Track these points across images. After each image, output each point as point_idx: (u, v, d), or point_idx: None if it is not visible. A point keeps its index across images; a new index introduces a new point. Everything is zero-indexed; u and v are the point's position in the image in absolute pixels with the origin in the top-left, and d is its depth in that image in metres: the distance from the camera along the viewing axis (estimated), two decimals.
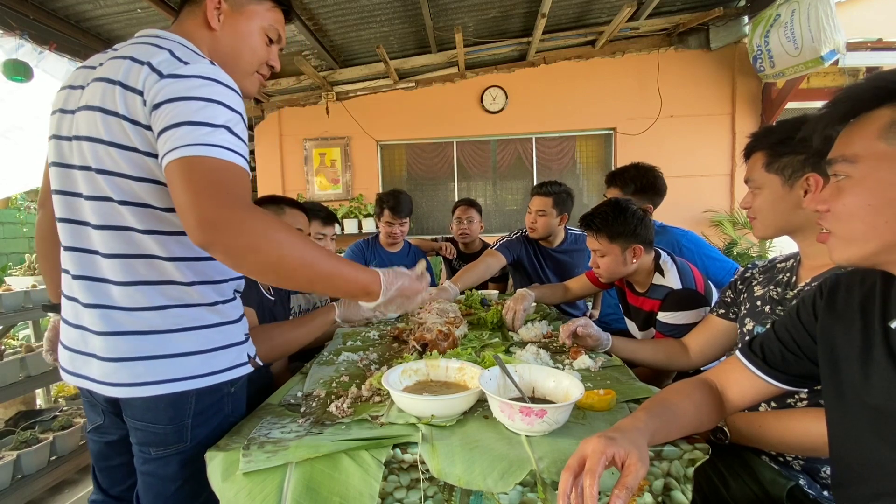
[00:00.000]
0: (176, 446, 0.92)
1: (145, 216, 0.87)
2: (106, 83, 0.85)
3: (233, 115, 0.84)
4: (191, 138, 0.78)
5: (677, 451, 0.85)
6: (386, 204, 2.75)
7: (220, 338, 0.95)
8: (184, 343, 0.90)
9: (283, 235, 0.80)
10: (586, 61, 4.87)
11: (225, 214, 0.75)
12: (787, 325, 0.87)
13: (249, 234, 0.76)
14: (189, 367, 0.90)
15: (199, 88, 0.82)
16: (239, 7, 1.00)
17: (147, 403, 0.90)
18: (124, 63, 0.86)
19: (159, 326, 0.88)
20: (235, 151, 0.82)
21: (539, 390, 1.06)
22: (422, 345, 1.40)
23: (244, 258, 0.78)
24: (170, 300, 0.89)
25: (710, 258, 2.00)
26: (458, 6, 3.80)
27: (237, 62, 1.01)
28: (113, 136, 0.84)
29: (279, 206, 1.61)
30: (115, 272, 0.88)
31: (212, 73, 0.85)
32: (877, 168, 0.58)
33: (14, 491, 1.95)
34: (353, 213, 4.84)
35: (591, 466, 0.67)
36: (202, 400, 0.93)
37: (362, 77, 4.86)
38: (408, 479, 0.88)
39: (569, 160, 5.13)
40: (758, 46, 4.03)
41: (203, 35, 0.98)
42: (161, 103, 0.80)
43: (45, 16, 2.93)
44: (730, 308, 1.33)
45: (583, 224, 1.70)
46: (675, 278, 1.58)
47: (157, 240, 0.88)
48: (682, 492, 0.83)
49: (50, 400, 2.84)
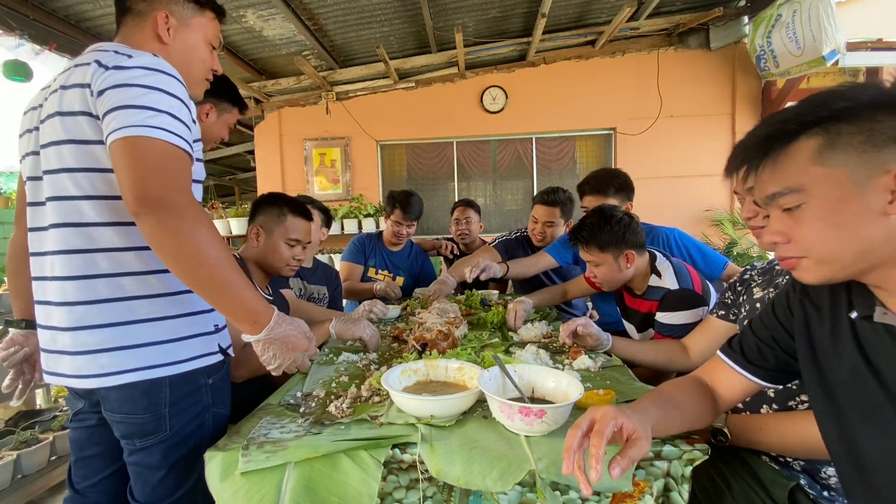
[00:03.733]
0: (157, 435, 0.96)
1: (106, 208, 0.91)
2: (60, 90, 0.92)
3: (175, 102, 0.89)
4: (135, 119, 0.83)
5: (677, 451, 0.85)
6: (398, 202, 2.70)
7: (186, 328, 0.98)
8: (149, 333, 0.93)
9: (210, 234, 0.86)
10: (586, 61, 4.87)
11: (169, 195, 0.82)
12: (763, 322, 0.88)
13: (182, 220, 0.83)
14: (154, 357, 0.93)
15: (141, 77, 0.87)
16: (185, 20, 1.07)
17: (122, 395, 0.93)
18: (74, 70, 0.92)
19: (123, 318, 0.92)
20: (179, 135, 0.88)
21: (538, 390, 1.06)
22: (421, 344, 1.40)
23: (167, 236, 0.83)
24: (130, 292, 0.93)
25: (700, 252, 2.00)
26: (458, 6, 3.80)
27: (189, 72, 1.07)
28: (70, 133, 0.90)
29: (280, 210, 1.58)
30: (73, 268, 0.92)
31: (154, 64, 0.90)
32: (825, 189, 0.64)
33: (14, 491, 1.95)
34: (353, 213, 4.84)
35: (601, 428, 0.69)
36: (176, 389, 0.96)
37: (362, 77, 4.85)
38: (407, 480, 0.88)
39: (569, 160, 5.12)
40: (760, 47, 4.03)
41: (154, 48, 1.03)
42: (105, 90, 0.86)
43: (44, 16, 2.93)
44: (730, 310, 1.33)
45: (571, 237, 1.70)
46: (672, 279, 1.58)
47: (118, 231, 0.92)
48: (679, 493, 0.83)
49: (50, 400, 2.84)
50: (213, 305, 0.93)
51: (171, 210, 0.82)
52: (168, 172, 0.84)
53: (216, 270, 0.86)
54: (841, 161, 0.63)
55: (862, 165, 0.62)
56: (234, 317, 0.93)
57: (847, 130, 0.63)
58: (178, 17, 1.05)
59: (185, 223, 0.83)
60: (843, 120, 0.63)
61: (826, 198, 0.65)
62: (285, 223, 1.56)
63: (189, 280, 0.87)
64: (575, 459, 0.68)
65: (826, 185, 0.64)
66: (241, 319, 0.93)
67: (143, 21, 1.03)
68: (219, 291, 0.88)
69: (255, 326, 0.93)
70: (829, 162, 0.64)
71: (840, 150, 0.63)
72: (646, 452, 0.70)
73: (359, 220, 4.81)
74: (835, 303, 0.75)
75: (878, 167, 0.61)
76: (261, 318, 0.93)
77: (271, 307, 0.96)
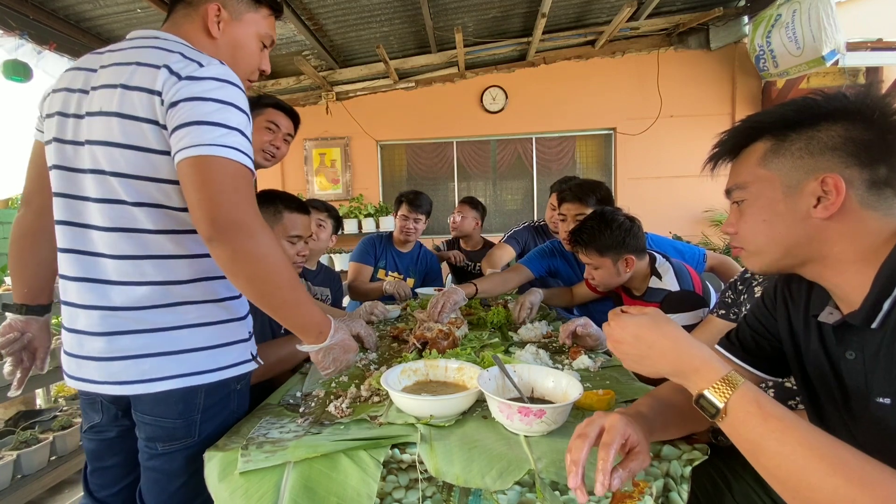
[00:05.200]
0: (184, 441, 0.94)
1: (159, 216, 0.89)
2: (122, 89, 0.87)
3: (243, 118, 0.87)
4: (208, 138, 0.81)
5: (676, 451, 0.85)
6: (404, 197, 2.76)
7: (227, 334, 0.97)
8: (191, 339, 0.92)
9: (280, 256, 0.86)
10: (586, 61, 4.87)
11: (243, 218, 0.81)
12: (755, 314, 0.90)
13: (257, 245, 0.82)
14: (196, 363, 0.92)
15: (215, 90, 0.85)
16: (238, 15, 1.02)
17: (157, 398, 0.91)
18: (138, 70, 0.87)
19: (167, 323, 0.90)
20: (248, 155, 0.86)
21: (538, 390, 1.06)
22: (422, 343, 1.40)
23: (244, 262, 0.82)
24: (178, 298, 0.91)
25: (677, 252, 1.98)
26: (458, 6, 3.80)
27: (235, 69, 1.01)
28: (130, 139, 0.86)
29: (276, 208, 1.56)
30: (120, 273, 0.89)
31: (225, 75, 0.88)
32: (762, 189, 0.71)
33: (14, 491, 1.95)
34: (353, 213, 4.84)
35: (609, 440, 0.67)
36: (211, 395, 0.95)
37: (362, 77, 4.86)
38: (406, 480, 0.88)
39: (569, 160, 5.12)
40: (760, 47, 4.03)
41: (203, 41, 0.99)
42: (178, 102, 0.83)
43: (45, 16, 2.93)
44: (730, 309, 1.33)
45: (571, 239, 1.69)
46: (673, 281, 1.58)
47: (172, 238, 0.90)
48: (678, 492, 0.83)
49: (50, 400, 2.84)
50: (283, 323, 0.95)
51: (246, 234, 0.81)
52: (240, 194, 0.82)
53: (289, 292, 0.87)
54: (779, 165, 0.70)
55: (796, 170, 0.68)
56: (303, 331, 0.95)
57: (792, 137, 0.69)
58: (230, 11, 1.00)
59: (260, 247, 0.82)
60: (790, 127, 0.69)
61: (760, 196, 0.72)
62: (283, 221, 1.54)
63: (264, 302, 0.88)
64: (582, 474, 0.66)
65: (762, 185, 0.71)
66: (309, 333, 0.96)
67: (195, 11, 0.99)
68: (292, 311, 0.91)
69: (320, 337, 0.96)
70: (769, 165, 0.71)
71: (781, 155, 0.70)
72: (645, 466, 0.70)
73: (359, 220, 4.81)
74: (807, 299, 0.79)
75: (810, 173, 0.67)
76: (325, 329, 0.97)
77: (328, 317, 0.98)
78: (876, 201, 0.65)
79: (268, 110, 1.76)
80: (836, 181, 0.65)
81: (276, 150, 1.81)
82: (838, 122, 0.66)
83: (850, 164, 0.65)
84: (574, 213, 1.97)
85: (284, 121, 1.79)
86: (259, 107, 1.77)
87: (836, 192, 0.65)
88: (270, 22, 1.08)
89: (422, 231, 2.82)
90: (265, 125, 1.74)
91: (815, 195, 0.66)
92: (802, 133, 0.68)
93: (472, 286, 1.92)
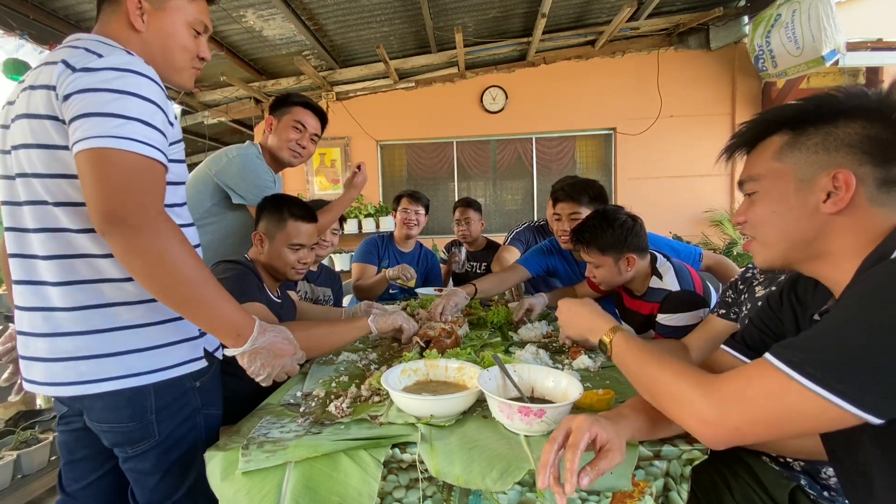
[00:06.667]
0: (147, 441, 0.94)
1: (79, 215, 0.87)
2: (29, 90, 0.87)
3: (147, 106, 0.84)
4: (100, 129, 0.78)
5: (676, 450, 0.85)
6: (403, 193, 2.83)
7: (168, 334, 0.95)
8: (126, 341, 0.90)
9: (180, 251, 0.82)
10: (586, 61, 4.87)
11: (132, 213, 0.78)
12: (761, 315, 0.91)
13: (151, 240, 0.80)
14: (134, 364, 0.90)
15: (111, 81, 0.82)
16: (160, 4, 0.97)
17: (105, 404, 0.91)
18: (43, 69, 0.88)
19: (100, 325, 0.89)
20: (150, 144, 0.82)
21: (538, 390, 1.06)
22: (425, 342, 1.40)
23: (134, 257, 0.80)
24: (108, 299, 0.90)
25: (674, 251, 1.98)
26: (458, 6, 3.80)
27: (170, 61, 1.00)
28: (37, 138, 0.85)
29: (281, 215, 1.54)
30: (52, 274, 0.88)
31: (127, 64, 0.84)
32: (775, 182, 0.73)
33: (14, 491, 1.95)
34: (352, 213, 4.84)
35: (575, 441, 0.70)
36: (162, 395, 0.94)
37: (362, 77, 4.86)
38: (407, 479, 0.88)
39: (569, 160, 5.13)
40: (759, 47, 4.03)
41: (129, 37, 0.96)
42: (71, 94, 0.81)
43: (45, 16, 2.93)
44: (731, 308, 1.33)
45: (573, 238, 1.69)
46: (674, 281, 1.57)
47: (93, 238, 0.88)
48: (678, 492, 0.83)
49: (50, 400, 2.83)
50: (192, 322, 0.91)
51: (137, 230, 0.79)
52: (135, 187, 0.80)
53: (190, 288, 0.83)
54: (794, 159, 0.71)
55: (810, 165, 0.69)
56: (215, 332, 0.91)
57: (809, 132, 0.70)
58: (152, 2, 0.96)
59: (154, 243, 0.80)
60: (809, 122, 0.70)
61: (772, 189, 0.73)
62: (286, 229, 1.53)
63: (163, 298, 0.85)
64: (550, 473, 0.69)
65: (775, 178, 0.73)
66: (223, 334, 0.91)
67: (119, 7, 0.94)
68: (195, 309, 0.86)
69: (238, 339, 0.90)
70: (784, 158, 0.72)
71: (797, 149, 0.71)
72: (617, 463, 0.71)
73: (359, 220, 4.81)
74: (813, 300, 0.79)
75: (823, 168, 0.68)
76: (243, 331, 0.91)
77: (252, 318, 0.93)
78: (886, 199, 0.66)
79: (295, 109, 1.76)
80: (847, 177, 0.65)
81: (302, 150, 1.80)
82: (857, 119, 0.67)
83: (864, 162, 0.66)
84: (568, 213, 1.98)
85: (312, 120, 1.79)
86: (287, 105, 1.77)
87: (846, 187, 0.66)
88: (199, 7, 1.02)
89: (423, 225, 2.83)
90: (292, 124, 1.74)
91: (825, 190, 0.67)
92: (820, 128, 0.69)
93: (471, 286, 1.94)
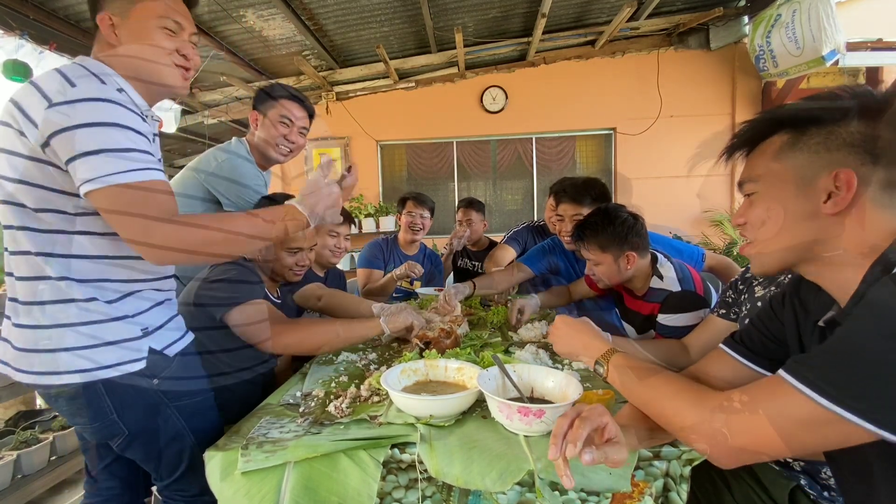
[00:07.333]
0: (120, 437, 1.00)
1: (19, 214, 0.93)
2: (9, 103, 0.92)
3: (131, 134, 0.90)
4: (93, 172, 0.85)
5: (676, 451, 0.85)
6: (408, 196, 2.81)
7: (103, 334, 0.96)
8: (64, 338, 0.93)
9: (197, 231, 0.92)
10: (586, 61, 4.87)
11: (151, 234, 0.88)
12: (762, 318, 0.90)
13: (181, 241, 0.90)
14: (71, 362, 0.93)
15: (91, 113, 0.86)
16: (125, 13, 1.00)
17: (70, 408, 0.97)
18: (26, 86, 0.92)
19: (41, 321, 0.93)
20: (142, 167, 0.89)
21: (538, 390, 1.06)
22: (424, 342, 1.40)
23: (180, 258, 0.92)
24: (47, 296, 0.94)
25: (675, 251, 1.98)
26: (458, 6, 3.80)
27: (147, 63, 1.02)
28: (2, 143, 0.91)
29: None
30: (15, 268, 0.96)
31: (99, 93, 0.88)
32: (774, 182, 0.72)
33: (14, 491, 1.95)
34: (353, 214, 4.83)
35: (588, 415, 0.71)
36: (117, 394, 0.97)
37: (362, 77, 4.86)
38: (406, 479, 0.88)
39: (569, 160, 5.13)
40: (759, 47, 4.03)
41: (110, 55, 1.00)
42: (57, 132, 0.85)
43: (45, 16, 2.93)
44: (731, 308, 1.33)
45: (573, 235, 1.69)
46: (674, 280, 1.57)
47: (28, 236, 0.93)
48: (678, 492, 0.83)
49: None
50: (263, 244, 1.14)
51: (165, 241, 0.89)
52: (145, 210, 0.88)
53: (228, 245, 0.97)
54: (794, 159, 0.69)
55: (811, 165, 0.68)
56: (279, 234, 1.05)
57: (811, 132, 0.68)
58: (118, 14, 0.98)
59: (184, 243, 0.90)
60: (811, 122, 0.68)
61: (772, 189, 0.72)
62: None
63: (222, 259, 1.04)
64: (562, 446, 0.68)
65: (775, 179, 0.72)
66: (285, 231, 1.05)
67: (99, 31, 1.01)
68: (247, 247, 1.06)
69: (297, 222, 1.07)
70: (784, 159, 0.70)
71: (797, 149, 0.69)
72: (622, 458, 0.70)
73: (359, 220, 4.81)
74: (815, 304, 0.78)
75: (824, 168, 0.66)
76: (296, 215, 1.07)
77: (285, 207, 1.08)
78: (889, 201, 0.65)
79: (281, 102, 1.71)
80: (849, 176, 0.64)
81: (292, 145, 1.76)
82: (861, 118, 0.65)
83: (867, 162, 0.64)
84: (571, 214, 1.97)
85: (299, 112, 1.74)
86: (271, 99, 1.73)
87: (847, 187, 0.64)
88: (164, 6, 1.02)
89: (428, 229, 2.82)
90: (279, 119, 1.70)
91: (826, 190, 0.66)
92: (822, 128, 0.67)
93: (470, 283, 1.95)
